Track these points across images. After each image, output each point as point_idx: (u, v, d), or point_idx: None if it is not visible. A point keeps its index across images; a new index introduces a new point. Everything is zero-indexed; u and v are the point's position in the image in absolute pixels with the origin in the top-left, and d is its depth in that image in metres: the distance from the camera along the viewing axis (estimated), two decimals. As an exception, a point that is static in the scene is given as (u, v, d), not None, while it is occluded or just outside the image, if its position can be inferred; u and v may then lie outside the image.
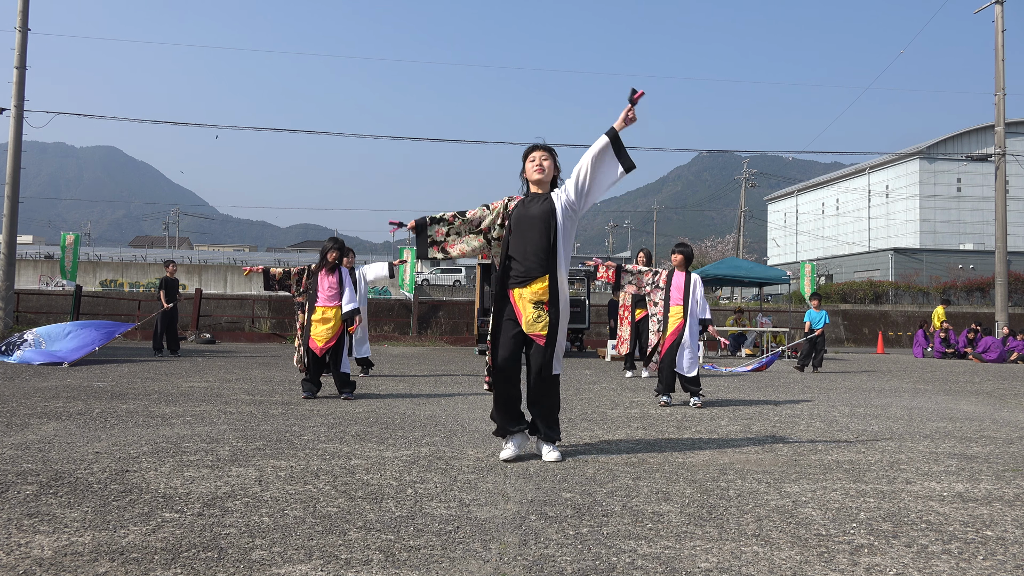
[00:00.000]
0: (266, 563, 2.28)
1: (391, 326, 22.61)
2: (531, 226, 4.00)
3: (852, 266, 48.74)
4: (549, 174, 4.11)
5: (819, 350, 12.68)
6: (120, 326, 11.45)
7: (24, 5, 16.56)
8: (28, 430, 4.62)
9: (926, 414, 6.54)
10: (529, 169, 4.13)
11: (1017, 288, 34.71)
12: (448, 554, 2.41)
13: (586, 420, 5.67)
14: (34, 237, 77.40)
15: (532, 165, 4.12)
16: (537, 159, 4.12)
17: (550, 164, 4.11)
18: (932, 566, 2.40)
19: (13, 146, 16.36)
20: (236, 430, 4.80)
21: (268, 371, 9.79)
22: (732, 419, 5.94)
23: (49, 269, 37.07)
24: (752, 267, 19.28)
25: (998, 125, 21.68)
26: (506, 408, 4.02)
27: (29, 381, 7.65)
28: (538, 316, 3.94)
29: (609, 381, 9.51)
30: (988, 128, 43.42)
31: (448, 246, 4.26)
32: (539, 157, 4.12)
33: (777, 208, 65.83)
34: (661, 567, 2.33)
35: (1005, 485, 3.63)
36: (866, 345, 25.80)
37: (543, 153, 4.13)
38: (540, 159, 4.11)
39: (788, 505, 3.13)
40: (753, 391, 8.51)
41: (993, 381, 11.03)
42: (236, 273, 38.91)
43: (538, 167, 4.10)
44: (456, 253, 4.29)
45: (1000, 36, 21.41)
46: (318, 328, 6.83)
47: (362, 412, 5.87)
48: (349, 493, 3.17)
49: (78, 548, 2.38)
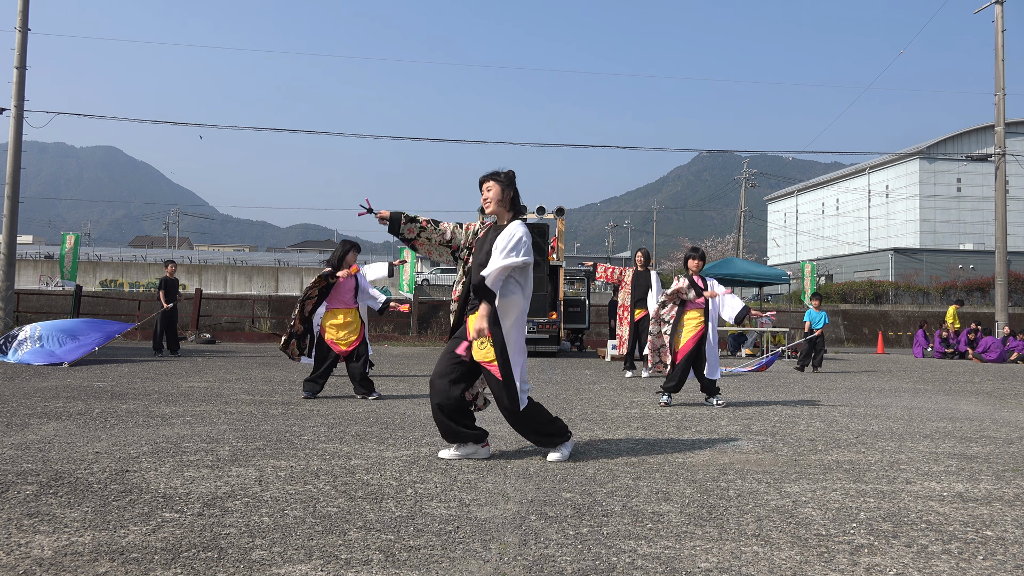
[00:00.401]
0: (266, 563, 2.28)
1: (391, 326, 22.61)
2: (485, 255, 3.94)
3: (852, 266, 48.75)
4: (497, 204, 4.03)
5: (819, 350, 12.68)
6: (120, 326, 11.45)
7: (24, 5, 16.55)
8: (28, 430, 4.62)
9: (926, 414, 6.54)
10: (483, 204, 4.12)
11: (1017, 288, 34.71)
12: (448, 554, 2.41)
13: (586, 420, 5.67)
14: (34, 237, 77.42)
15: (482, 200, 4.11)
16: (483, 192, 4.08)
17: (494, 193, 4.02)
18: (932, 566, 2.40)
19: (13, 146, 16.35)
20: (236, 430, 4.80)
21: (268, 371, 9.79)
22: (732, 419, 5.94)
23: (49, 269, 37.07)
24: (752, 267, 19.29)
25: (998, 125, 21.67)
26: (440, 423, 3.91)
27: (29, 381, 7.65)
28: (481, 343, 3.85)
29: (609, 381, 9.51)
30: (988, 128, 43.42)
31: (418, 244, 4.23)
32: (484, 188, 4.07)
33: (777, 208, 65.84)
34: (661, 567, 2.33)
35: (1005, 485, 3.63)
36: (866, 345, 25.80)
37: (488, 183, 4.06)
38: (485, 190, 4.07)
39: (788, 505, 3.13)
40: (753, 391, 8.51)
41: (993, 381, 11.03)
42: (236, 273, 38.92)
43: (484, 200, 4.07)
44: (423, 252, 4.29)
45: (1000, 36, 21.41)
46: (340, 332, 6.84)
47: (362, 412, 5.87)
48: (349, 493, 3.17)
49: (78, 548, 2.38)
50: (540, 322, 14.77)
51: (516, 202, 4.09)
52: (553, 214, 15.96)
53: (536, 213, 15.71)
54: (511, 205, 4.07)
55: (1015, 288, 33.78)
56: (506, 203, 4.04)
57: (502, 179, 4.06)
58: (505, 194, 4.03)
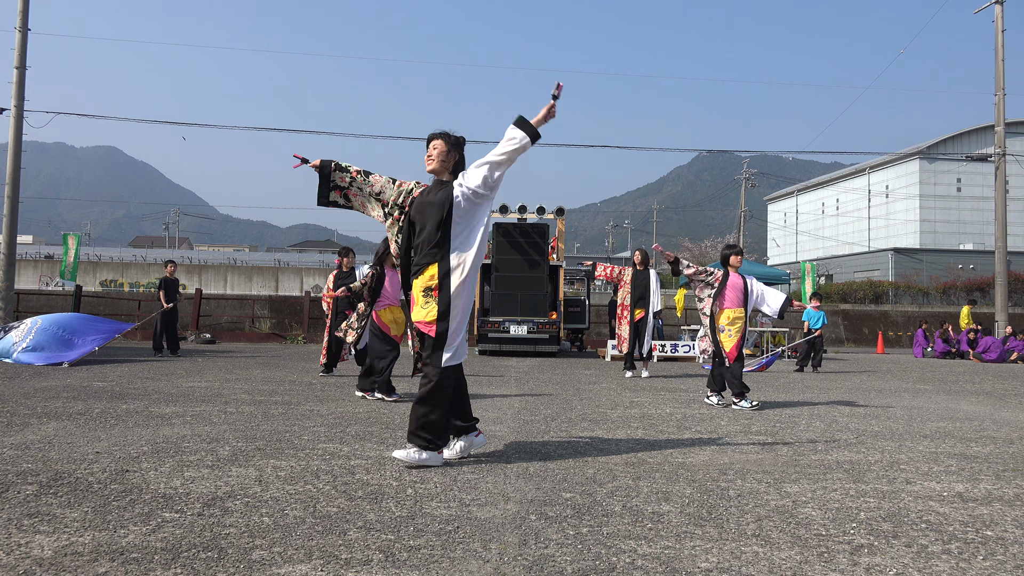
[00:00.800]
0: (266, 563, 2.28)
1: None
2: (428, 215, 3.83)
3: (852, 266, 48.73)
4: (441, 162, 3.90)
5: (818, 350, 12.68)
6: (119, 325, 11.45)
7: (24, 5, 16.56)
8: (28, 430, 4.62)
9: (926, 414, 6.54)
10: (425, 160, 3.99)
11: (1017, 288, 34.70)
12: (448, 554, 2.41)
13: (586, 420, 5.67)
14: (34, 237, 77.42)
15: (425, 156, 3.97)
16: (428, 149, 3.95)
17: (439, 152, 3.90)
18: (932, 566, 2.40)
19: (13, 146, 16.36)
20: (236, 430, 4.80)
21: (268, 371, 9.79)
22: (732, 419, 5.94)
23: (49, 269, 37.06)
24: (752, 267, 19.29)
25: (998, 125, 21.68)
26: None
27: (29, 381, 7.65)
28: (426, 302, 3.76)
29: (609, 381, 9.51)
30: (988, 128, 43.41)
31: (351, 194, 4.09)
32: (430, 147, 3.95)
33: (777, 208, 65.82)
34: (661, 567, 2.33)
35: (1005, 485, 3.63)
36: (866, 345, 25.80)
37: (436, 141, 3.93)
38: (431, 148, 3.94)
39: (788, 505, 3.13)
40: (753, 391, 8.50)
41: (993, 381, 11.03)
42: (236, 273, 38.90)
43: (427, 157, 3.94)
44: (357, 205, 4.12)
45: (1000, 36, 21.41)
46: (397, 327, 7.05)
47: (362, 412, 5.87)
48: (349, 493, 3.17)
49: (78, 548, 2.38)
50: (540, 322, 14.76)
51: (459, 169, 3.96)
52: (553, 214, 15.96)
53: (536, 213, 15.70)
54: (454, 169, 3.94)
55: (1015, 288, 33.76)
56: (449, 165, 3.92)
57: (451, 140, 3.95)
58: (451, 156, 3.92)
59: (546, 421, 5.58)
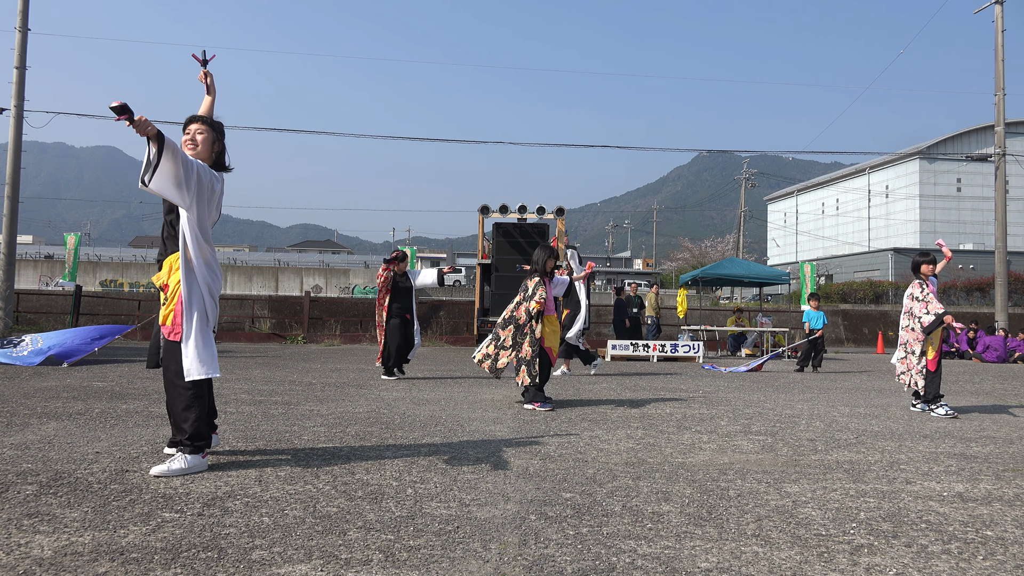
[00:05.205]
0: (266, 563, 2.28)
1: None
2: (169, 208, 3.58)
3: (852, 266, 48.75)
4: (203, 147, 3.62)
5: (819, 350, 12.68)
6: (119, 328, 11.45)
7: (24, 5, 16.56)
8: (28, 430, 4.62)
9: (926, 414, 6.54)
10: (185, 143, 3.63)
11: (1017, 288, 34.72)
12: (448, 554, 2.41)
13: (586, 420, 5.67)
14: (34, 237, 77.37)
15: (187, 137, 3.63)
16: (191, 132, 3.64)
17: (204, 138, 3.62)
18: (932, 566, 2.40)
19: (13, 146, 16.36)
20: (236, 430, 4.80)
21: (268, 371, 9.78)
22: (732, 419, 5.94)
23: (49, 269, 37.08)
24: (752, 267, 19.29)
25: (998, 125, 21.67)
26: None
27: (29, 381, 7.65)
28: (163, 301, 3.63)
29: (609, 381, 9.51)
30: (988, 128, 43.43)
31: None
32: (195, 132, 3.64)
33: (777, 208, 65.82)
34: (661, 567, 2.32)
35: (1005, 485, 3.63)
36: (866, 345, 25.79)
37: (200, 125, 3.65)
38: (195, 132, 3.63)
39: (788, 505, 3.13)
40: (753, 391, 8.51)
41: (993, 381, 11.03)
42: (236, 273, 38.91)
43: (190, 140, 3.62)
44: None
45: (1000, 36, 21.41)
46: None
47: (362, 412, 5.87)
48: (349, 493, 3.17)
49: (78, 548, 2.38)
50: None
51: (220, 160, 3.73)
52: (553, 214, 15.96)
53: (536, 213, 15.70)
54: (216, 159, 3.71)
55: (1015, 288, 33.78)
56: (211, 152, 3.67)
57: (217, 127, 3.71)
58: (215, 146, 3.69)
59: (546, 421, 5.58)
